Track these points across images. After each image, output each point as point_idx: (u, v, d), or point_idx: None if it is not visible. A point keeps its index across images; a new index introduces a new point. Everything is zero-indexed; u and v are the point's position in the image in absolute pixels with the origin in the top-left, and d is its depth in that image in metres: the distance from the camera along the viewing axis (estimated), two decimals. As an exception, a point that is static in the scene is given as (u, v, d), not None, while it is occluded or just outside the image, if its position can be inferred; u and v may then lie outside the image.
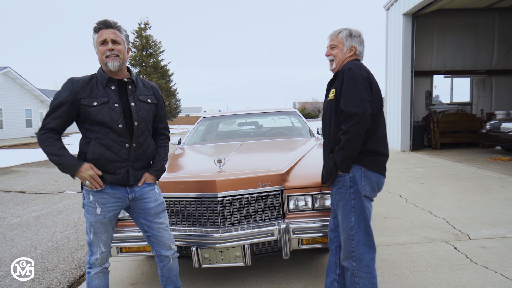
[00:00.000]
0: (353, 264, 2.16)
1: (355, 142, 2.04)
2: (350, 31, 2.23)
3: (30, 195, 6.86)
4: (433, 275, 2.91)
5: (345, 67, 2.13)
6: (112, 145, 2.11)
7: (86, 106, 2.08)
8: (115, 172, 2.14)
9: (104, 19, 2.12)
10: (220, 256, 2.63)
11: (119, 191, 2.18)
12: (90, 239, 2.18)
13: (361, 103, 2.01)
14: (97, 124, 2.10)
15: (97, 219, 2.14)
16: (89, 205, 2.13)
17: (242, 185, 2.62)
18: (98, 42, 2.09)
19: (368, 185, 2.13)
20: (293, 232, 2.60)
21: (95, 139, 2.11)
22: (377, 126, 2.14)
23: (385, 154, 2.20)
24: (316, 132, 4.90)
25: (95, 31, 2.10)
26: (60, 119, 2.08)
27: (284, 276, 3.02)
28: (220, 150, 3.87)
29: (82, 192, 2.18)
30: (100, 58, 2.11)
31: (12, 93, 25.18)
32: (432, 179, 6.78)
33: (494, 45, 12.27)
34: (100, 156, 2.10)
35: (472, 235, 3.74)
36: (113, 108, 2.12)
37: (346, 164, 2.10)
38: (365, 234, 2.13)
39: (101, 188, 2.12)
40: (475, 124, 11.33)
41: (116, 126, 2.11)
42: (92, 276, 2.21)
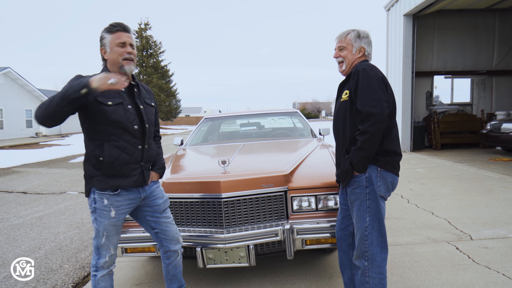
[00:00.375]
0: (364, 264, 2.18)
1: (373, 143, 2.05)
2: (358, 32, 2.25)
3: (32, 195, 6.88)
4: (435, 275, 2.93)
5: (359, 68, 2.13)
6: (127, 147, 2.12)
7: (101, 104, 2.03)
8: (130, 174, 2.14)
9: (118, 22, 2.13)
10: (224, 256, 2.65)
11: (132, 192, 2.20)
12: (100, 243, 2.17)
13: (378, 103, 2.03)
14: (111, 124, 2.06)
15: (111, 222, 2.14)
16: (103, 209, 2.12)
17: (246, 186, 2.64)
18: (115, 43, 2.07)
19: (384, 185, 2.15)
20: (297, 232, 2.61)
21: (108, 141, 2.07)
22: (392, 126, 2.17)
23: (399, 154, 2.22)
24: (318, 133, 4.91)
25: (111, 32, 2.08)
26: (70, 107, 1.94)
27: (288, 276, 3.04)
28: (223, 151, 3.89)
29: (91, 197, 2.14)
30: (115, 59, 2.09)
31: (12, 93, 25.19)
32: (433, 179, 6.80)
33: (495, 45, 12.29)
34: (116, 159, 2.08)
35: (474, 236, 3.76)
36: (128, 109, 2.13)
37: (363, 165, 2.11)
38: (378, 235, 2.14)
39: (116, 192, 2.13)
40: (476, 125, 11.36)
41: (132, 127, 2.12)
42: (98, 279, 2.21)
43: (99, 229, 2.15)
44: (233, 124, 6.51)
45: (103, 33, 2.11)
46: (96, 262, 2.21)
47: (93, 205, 2.14)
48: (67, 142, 22.02)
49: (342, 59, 2.29)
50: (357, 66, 2.18)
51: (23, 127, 26.33)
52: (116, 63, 2.10)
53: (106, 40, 2.09)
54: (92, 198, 2.14)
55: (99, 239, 2.16)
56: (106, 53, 2.11)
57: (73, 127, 33.20)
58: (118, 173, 2.10)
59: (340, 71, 2.35)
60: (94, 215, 2.15)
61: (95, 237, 2.18)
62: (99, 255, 2.19)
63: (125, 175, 2.13)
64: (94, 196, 2.13)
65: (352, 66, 2.27)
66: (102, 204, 2.12)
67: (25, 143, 21.13)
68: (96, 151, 2.09)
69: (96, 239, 2.18)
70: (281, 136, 5.06)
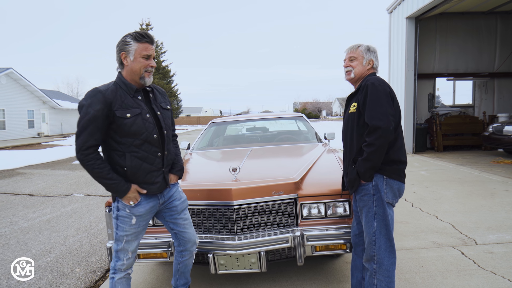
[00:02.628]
0: (373, 266, 2.27)
1: (379, 154, 2.15)
2: (368, 46, 2.38)
3: (39, 198, 6.94)
4: (442, 281, 2.98)
5: (368, 82, 2.23)
6: (147, 156, 2.18)
7: (120, 118, 2.07)
8: (154, 182, 2.22)
9: (146, 32, 2.16)
10: (236, 262, 2.70)
11: (152, 199, 2.27)
12: (120, 247, 2.24)
13: (385, 117, 2.12)
14: (130, 136, 2.11)
15: (132, 228, 2.22)
16: (125, 216, 2.20)
17: (257, 194, 2.70)
18: (142, 54, 2.11)
19: (391, 192, 2.25)
20: (307, 239, 2.67)
21: (129, 152, 2.13)
22: (397, 136, 2.26)
23: (404, 162, 2.31)
24: (324, 137, 4.97)
25: (138, 40, 2.10)
26: (99, 133, 2.05)
27: (296, 281, 3.09)
28: (231, 156, 3.94)
29: (115, 205, 2.22)
30: (137, 70, 2.12)
31: (14, 94, 25.27)
32: (436, 182, 6.85)
33: (497, 48, 12.33)
34: (138, 169, 2.15)
35: (479, 240, 3.81)
36: (146, 119, 2.16)
37: (369, 174, 2.21)
38: (386, 240, 2.24)
39: (137, 202, 2.20)
40: (478, 127, 11.41)
41: (151, 137, 2.17)
42: (116, 281, 2.27)
43: (120, 235, 2.22)
44: (239, 128, 6.55)
45: (128, 39, 2.10)
46: (114, 264, 2.28)
47: (116, 212, 2.22)
48: (69, 142, 22.08)
49: (351, 69, 2.39)
50: (367, 80, 2.27)
51: (25, 128, 26.41)
52: (137, 73, 2.14)
53: (132, 48, 2.10)
54: (115, 206, 2.22)
55: (119, 243, 2.24)
56: (127, 60, 2.12)
57: (74, 128, 33.20)
58: (143, 181, 2.19)
59: (347, 78, 2.45)
60: (116, 221, 2.23)
61: (115, 241, 2.25)
62: (118, 258, 2.26)
63: (150, 183, 2.21)
64: (118, 204, 2.21)
65: (362, 77, 2.37)
66: (124, 212, 2.20)
67: (27, 143, 21.20)
68: (120, 161, 2.15)
69: (116, 243, 2.25)
70: (286, 140, 5.11)
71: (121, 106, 2.08)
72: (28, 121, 26.84)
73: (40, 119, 28.33)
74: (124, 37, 2.12)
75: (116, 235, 2.25)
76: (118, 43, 2.14)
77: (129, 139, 2.12)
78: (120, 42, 2.13)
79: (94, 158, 2.06)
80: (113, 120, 2.07)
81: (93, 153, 2.06)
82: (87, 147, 2.04)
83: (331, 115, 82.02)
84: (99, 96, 2.05)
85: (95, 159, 2.06)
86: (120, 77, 2.17)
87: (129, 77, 2.16)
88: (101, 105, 2.03)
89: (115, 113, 2.06)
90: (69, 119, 32.54)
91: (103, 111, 2.03)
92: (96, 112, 2.02)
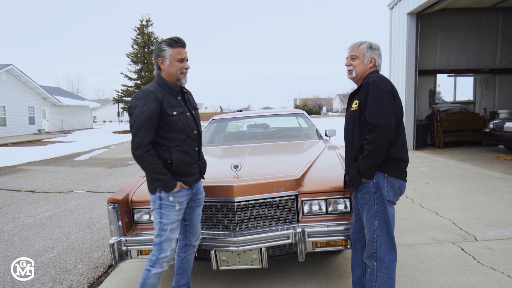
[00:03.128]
0: (374, 263, 2.28)
1: (380, 152, 2.15)
2: (370, 44, 2.35)
3: (40, 194, 6.97)
4: (442, 276, 3.01)
5: (369, 80, 2.22)
6: (189, 151, 2.39)
7: (169, 115, 2.27)
8: (192, 173, 2.42)
9: (178, 37, 2.32)
10: (237, 258, 2.72)
11: (188, 190, 2.43)
12: (164, 237, 2.33)
13: (386, 115, 2.11)
14: (175, 132, 2.31)
15: (176, 215, 2.36)
16: (169, 204, 2.33)
17: (258, 190, 2.71)
18: (176, 58, 2.30)
19: (391, 190, 2.25)
20: (308, 235, 2.69)
21: (173, 146, 2.32)
22: (399, 134, 2.25)
23: (406, 160, 2.30)
24: (324, 134, 4.98)
25: (172, 46, 2.29)
26: (154, 130, 2.24)
27: (298, 277, 3.12)
28: (232, 153, 3.96)
29: (157, 195, 2.32)
30: (174, 73, 2.32)
31: (15, 90, 25.28)
32: (436, 179, 6.87)
33: (498, 44, 12.31)
34: (182, 161, 2.35)
35: (479, 237, 3.84)
36: (187, 117, 2.39)
37: (370, 172, 2.21)
38: (386, 237, 2.25)
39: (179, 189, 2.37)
40: (478, 123, 11.41)
41: (192, 133, 2.40)
42: (151, 274, 2.34)
43: (166, 223, 2.33)
44: (240, 125, 6.56)
45: (163, 45, 2.29)
46: (156, 257, 2.34)
47: (159, 201, 2.33)
48: (69, 139, 22.12)
49: (352, 68, 2.38)
50: (369, 77, 2.26)
51: (25, 124, 26.44)
52: (174, 76, 2.33)
53: (167, 53, 2.29)
54: (158, 196, 2.32)
55: (163, 233, 2.33)
56: (164, 64, 2.31)
57: (75, 124, 33.33)
58: (184, 173, 2.37)
59: (349, 77, 2.44)
60: (160, 211, 2.33)
61: (158, 233, 2.34)
62: (161, 250, 2.34)
63: (189, 174, 2.40)
64: (160, 194, 2.32)
65: (364, 76, 2.35)
66: (168, 200, 2.33)
67: (28, 140, 21.23)
68: (165, 155, 2.32)
69: (159, 234, 2.34)
70: (287, 137, 5.13)
71: (169, 105, 2.28)
72: (28, 117, 26.87)
73: (40, 115, 28.35)
74: (159, 44, 2.32)
75: (160, 225, 2.33)
76: (154, 50, 2.34)
77: (175, 134, 2.31)
78: (156, 49, 2.32)
79: (152, 155, 2.23)
80: (162, 117, 2.26)
81: (151, 150, 2.24)
82: (146, 143, 2.21)
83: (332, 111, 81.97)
84: (152, 96, 2.23)
85: (152, 155, 2.23)
86: (161, 79, 2.35)
87: (168, 79, 2.36)
88: (155, 104, 2.22)
89: (165, 111, 2.26)
90: (70, 115, 32.58)
91: (156, 109, 2.22)
92: (151, 111, 2.21)
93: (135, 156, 2.22)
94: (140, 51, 29.81)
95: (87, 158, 12.78)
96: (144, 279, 2.35)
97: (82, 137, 23.78)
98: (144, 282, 2.35)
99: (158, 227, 2.35)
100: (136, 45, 29.96)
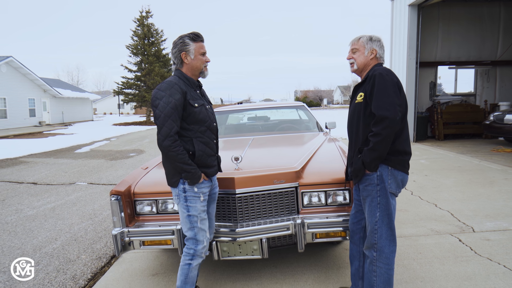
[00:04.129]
0: (373, 254, 2.33)
1: (385, 144, 2.16)
2: (370, 36, 2.37)
3: (43, 186, 7.03)
4: (439, 267, 3.06)
5: (375, 72, 2.23)
6: (209, 142, 2.45)
7: (191, 106, 2.34)
8: (212, 165, 2.47)
9: (198, 32, 2.41)
10: (238, 249, 2.77)
11: (208, 182, 2.47)
12: (197, 229, 2.39)
13: (392, 108, 2.13)
14: (197, 123, 2.37)
15: (202, 205, 2.41)
16: (194, 195, 2.38)
17: (259, 182, 2.75)
18: (200, 52, 2.38)
19: (394, 183, 2.28)
20: (308, 226, 2.73)
21: (195, 137, 2.38)
22: (403, 127, 2.28)
23: (409, 153, 2.33)
24: (325, 126, 5.00)
25: (195, 40, 2.37)
26: (179, 120, 2.30)
27: (297, 267, 3.17)
28: (233, 145, 3.99)
29: (180, 187, 2.36)
30: (198, 66, 2.40)
31: (15, 82, 25.24)
32: (436, 171, 6.91)
33: (499, 36, 12.25)
34: (203, 152, 2.39)
35: (476, 228, 3.89)
36: (207, 109, 2.47)
37: (374, 164, 2.23)
38: (387, 229, 2.29)
39: (202, 180, 2.41)
40: (479, 115, 11.41)
41: (212, 125, 2.48)
42: (193, 267, 2.42)
43: (194, 214, 2.38)
44: (240, 117, 6.58)
45: (187, 40, 2.35)
46: (194, 251, 2.41)
47: (183, 194, 2.38)
48: (70, 131, 22.16)
49: (353, 60, 2.41)
50: (374, 70, 2.28)
51: (26, 116, 26.46)
52: (198, 69, 2.41)
53: (191, 48, 2.35)
54: (182, 188, 2.36)
55: (195, 225, 2.38)
56: (188, 58, 2.37)
57: (75, 116, 33.32)
58: (205, 165, 2.41)
59: (352, 71, 2.46)
60: (186, 203, 2.37)
61: (190, 228, 2.39)
62: (197, 242, 2.40)
63: (209, 166, 2.44)
64: (184, 186, 2.36)
65: (366, 67, 2.37)
66: (192, 192, 2.37)
67: (29, 132, 21.28)
68: (187, 146, 2.36)
69: (191, 229, 2.39)
70: (288, 129, 5.15)
71: (191, 97, 2.35)
72: (29, 109, 26.87)
73: (41, 107, 28.35)
74: (182, 39, 2.36)
75: (190, 218, 2.38)
76: (176, 44, 2.37)
77: (196, 126, 2.37)
78: (179, 43, 2.36)
79: (179, 145, 2.27)
80: (185, 108, 2.32)
81: (178, 140, 2.28)
82: (174, 132, 2.25)
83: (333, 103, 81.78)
84: (177, 87, 2.29)
85: (179, 146, 2.27)
86: (181, 73, 2.41)
87: (189, 72, 2.42)
88: (179, 95, 2.28)
89: (188, 102, 2.33)
90: (70, 107, 32.57)
91: (181, 100, 2.29)
92: (176, 101, 2.26)
93: (163, 147, 2.24)
94: (140, 42, 29.65)
95: (88, 150, 12.82)
96: (186, 273, 2.41)
97: (82, 129, 23.81)
98: (187, 276, 2.42)
99: (188, 220, 2.39)
100: (136, 37, 29.78)
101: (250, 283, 2.96)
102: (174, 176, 2.36)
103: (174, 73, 2.44)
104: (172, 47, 2.39)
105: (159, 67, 29.33)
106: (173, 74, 2.45)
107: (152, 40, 30.21)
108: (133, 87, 29.87)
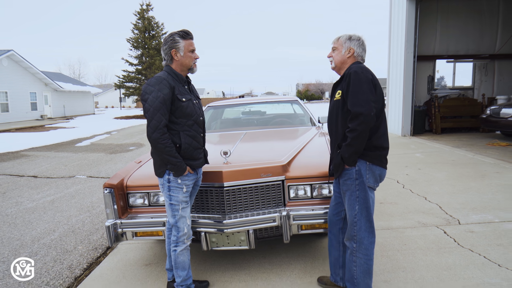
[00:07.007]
0: (353, 245, 2.44)
1: (361, 139, 2.26)
2: (350, 35, 2.46)
3: (43, 179, 7.16)
4: (421, 257, 3.17)
5: (351, 70, 2.32)
6: (196, 135, 2.57)
7: (179, 101, 2.46)
8: (198, 158, 2.59)
9: (187, 30, 2.53)
10: (226, 240, 2.89)
11: (194, 174, 2.60)
12: (178, 216, 2.53)
13: (366, 104, 2.22)
14: (185, 117, 2.49)
15: (184, 195, 2.55)
16: (177, 185, 2.52)
17: (247, 176, 2.85)
18: (189, 49, 2.50)
19: (372, 178, 2.38)
20: (293, 218, 2.83)
21: (182, 131, 2.50)
22: (380, 123, 2.37)
23: (386, 148, 2.43)
24: (317, 120, 5.09)
25: (184, 38, 2.48)
26: (168, 114, 2.41)
27: (285, 258, 3.29)
28: (225, 140, 4.09)
29: (165, 178, 2.50)
30: (188, 63, 2.52)
31: (16, 76, 25.34)
32: (429, 164, 6.99)
33: (498, 29, 12.23)
34: (190, 145, 2.52)
35: (462, 220, 3.99)
36: (194, 104, 2.59)
37: (352, 159, 2.33)
38: (366, 221, 2.39)
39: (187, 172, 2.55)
40: (476, 109, 11.45)
41: (199, 119, 2.60)
42: (178, 253, 2.58)
43: (176, 203, 2.53)
44: (236, 111, 6.67)
45: (176, 37, 2.45)
46: (176, 238, 2.57)
47: (167, 184, 2.51)
48: (71, 124, 22.30)
49: (331, 59, 2.54)
50: (350, 68, 2.37)
51: (28, 110, 26.60)
52: (187, 66, 2.53)
53: (181, 45, 2.47)
54: (166, 179, 2.50)
55: (176, 213, 2.54)
56: (177, 55, 2.48)
57: (77, 110, 33.45)
58: (191, 157, 2.54)
59: (331, 68, 2.60)
60: (169, 193, 2.52)
61: (172, 215, 2.55)
62: (178, 229, 2.56)
63: (195, 159, 2.57)
64: (169, 177, 2.50)
65: (343, 66, 2.47)
66: (176, 183, 2.51)
67: (30, 125, 21.44)
68: (174, 139, 2.48)
69: (173, 216, 2.55)
70: (281, 124, 5.25)
71: (179, 92, 2.47)
72: (31, 103, 27.01)
73: (42, 101, 28.48)
74: (172, 36, 2.46)
75: (172, 207, 2.54)
76: (166, 41, 2.47)
77: (184, 119, 2.49)
78: (169, 41, 2.46)
79: (167, 138, 2.40)
80: (173, 102, 2.43)
81: (166, 133, 2.40)
82: (162, 125, 2.37)
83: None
84: (165, 82, 2.41)
85: (167, 139, 2.40)
86: (171, 69, 2.52)
87: (179, 68, 2.53)
88: (168, 89, 2.40)
89: (176, 97, 2.44)
90: (72, 101, 32.68)
91: (169, 95, 2.40)
92: (165, 96, 2.38)
93: (152, 140, 2.37)
94: (140, 36, 29.63)
95: (89, 144, 12.95)
96: (174, 259, 2.60)
97: (84, 123, 23.95)
98: (175, 261, 2.60)
99: (170, 208, 2.55)
100: (137, 30, 29.75)
101: (239, 273, 3.08)
102: (160, 167, 2.50)
103: (164, 68, 2.55)
104: (163, 44, 2.51)
105: (160, 60, 29.33)
106: (163, 69, 2.56)
107: (153, 33, 30.18)
108: (134, 81, 29.90)
